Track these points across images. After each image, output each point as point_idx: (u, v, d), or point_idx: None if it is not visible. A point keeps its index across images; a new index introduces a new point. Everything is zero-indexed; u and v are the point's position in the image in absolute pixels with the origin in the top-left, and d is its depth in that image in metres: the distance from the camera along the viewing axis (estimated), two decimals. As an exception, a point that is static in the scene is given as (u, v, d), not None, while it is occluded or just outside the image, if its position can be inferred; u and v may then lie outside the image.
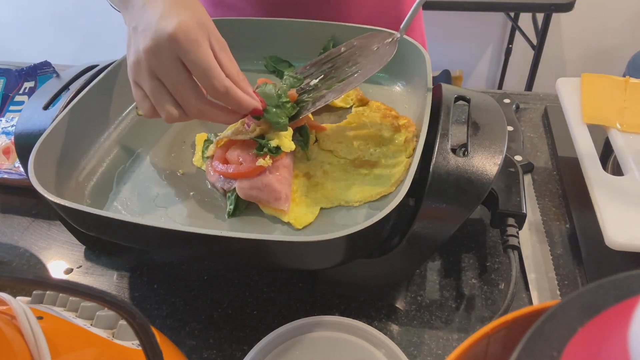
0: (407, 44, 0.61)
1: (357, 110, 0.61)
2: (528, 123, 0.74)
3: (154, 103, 0.45)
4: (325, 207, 0.50)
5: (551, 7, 1.60)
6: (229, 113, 0.47)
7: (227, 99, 0.45)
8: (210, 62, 0.43)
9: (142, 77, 0.44)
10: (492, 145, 0.47)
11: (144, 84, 0.45)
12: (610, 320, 0.19)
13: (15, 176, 0.66)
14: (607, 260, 0.53)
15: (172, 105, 0.45)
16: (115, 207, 0.51)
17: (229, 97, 0.45)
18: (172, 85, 0.44)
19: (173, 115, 0.45)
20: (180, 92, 0.44)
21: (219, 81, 0.44)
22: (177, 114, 0.45)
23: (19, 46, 2.44)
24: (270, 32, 0.67)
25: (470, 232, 0.58)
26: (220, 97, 0.45)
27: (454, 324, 0.50)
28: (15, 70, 0.76)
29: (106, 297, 0.24)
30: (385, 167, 0.52)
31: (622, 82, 0.67)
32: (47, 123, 0.51)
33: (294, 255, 0.43)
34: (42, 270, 0.58)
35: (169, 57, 0.43)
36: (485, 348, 0.28)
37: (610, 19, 1.97)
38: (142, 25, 0.44)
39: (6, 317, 0.29)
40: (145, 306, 0.53)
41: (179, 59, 0.43)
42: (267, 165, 0.48)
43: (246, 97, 0.46)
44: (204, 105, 0.45)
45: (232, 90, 0.45)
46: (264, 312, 0.51)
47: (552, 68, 2.06)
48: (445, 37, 2.08)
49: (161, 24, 0.42)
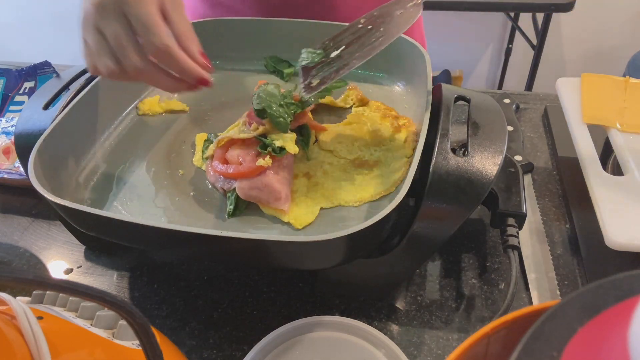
0: (407, 44, 0.61)
1: (357, 110, 0.61)
2: (528, 123, 0.74)
3: (95, 57, 0.44)
4: (325, 207, 0.50)
5: (551, 7, 1.60)
6: (173, 79, 0.45)
7: (168, 59, 0.44)
8: (152, 18, 0.42)
9: (88, 32, 0.44)
10: (492, 145, 0.47)
11: (89, 38, 0.44)
12: (610, 320, 0.19)
13: (15, 176, 0.66)
14: (607, 260, 0.53)
15: (110, 59, 0.44)
16: (115, 207, 0.51)
17: (169, 58, 0.43)
18: (112, 38, 0.43)
19: (110, 69, 0.44)
20: (119, 46, 0.43)
21: (159, 38, 0.42)
22: (115, 68, 0.44)
23: (19, 46, 2.44)
24: (270, 32, 0.67)
25: (470, 232, 0.58)
26: (160, 57, 0.44)
27: (454, 324, 0.50)
28: (15, 70, 0.76)
29: (106, 297, 0.24)
30: (385, 167, 0.52)
31: (622, 82, 0.67)
32: (47, 123, 0.51)
33: (294, 255, 0.43)
34: (42, 270, 0.58)
35: (113, 10, 0.42)
36: (485, 348, 0.28)
37: (610, 19, 1.97)
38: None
39: (6, 317, 0.29)
40: (145, 306, 0.53)
41: (123, 14, 0.42)
42: (267, 165, 0.48)
43: (188, 60, 0.44)
44: (143, 63, 0.43)
45: (173, 50, 0.43)
46: (264, 312, 0.51)
47: (552, 68, 2.06)
48: (445, 37, 2.08)
49: None
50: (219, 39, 0.68)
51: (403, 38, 0.61)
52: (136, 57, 0.43)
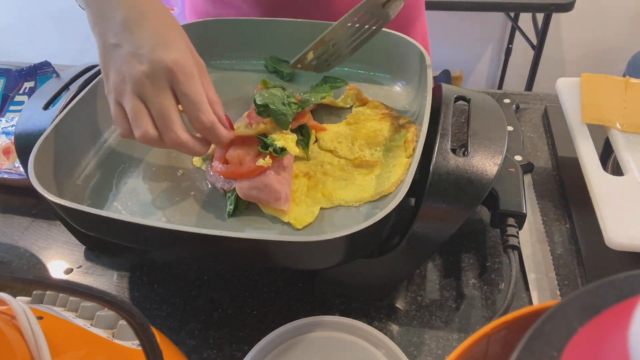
0: (407, 44, 0.61)
1: (357, 110, 0.61)
2: (528, 123, 0.74)
3: (133, 122, 0.45)
4: (325, 207, 0.50)
5: (551, 7, 1.60)
6: (202, 144, 0.48)
7: (211, 133, 0.47)
8: (201, 97, 0.45)
9: (126, 97, 0.45)
10: (492, 145, 0.47)
11: (126, 103, 0.45)
12: (610, 320, 0.19)
13: (15, 176, 0.66)
14: (607, 260, 0.53)
15: (152, 129, 0.45)
16: (115, 207, 0.51)
17: (212, 132, 0.47)
18: (158, 110, 0.44)
19: (150, 136, 0.45)
20: (164, 118, 0.45)
21: (207, 116, 0.46)
22: (155, 135, 0.45)
23: (19, 46, 2.44)
24: (270, 32, 0.67)
25: (470, 232, 0.58)
26: (204, 131, 0.47)
27: (454, 324, 0.50)
28: (15, 70, 0.76)
29: (106, 297, 0.24)
30: (385, 167, 0.52)
31: (622, 82, 0.67)
32: (47, 123, 0.51)
33: (294, 255, 0.43)
34: (42, 270, 0.58)
35: (162, 85, 0.44)
36: (485, 348, 0.28)
37: (610, 19, 1.97)
38: (131, 47, 0.44)
39: (6, 317, 0.29)
40: (145, 306, 0.53)
41: (171, 88, 0.45)
42: (267, 165, 0.48)
43: (226, 133, 0.48)
44: (183, 136, 0.46)
45: (217, 125, 0.47)
46: (264, 312, 0.51)
47: (552, 68, 2.06)
48: (445, 37, 2.08)
49: (159, 53, 0.44)
50: (219, 39, 0.68)
51: (403, 38, 0.61)
52: (182, 132, 0.46)
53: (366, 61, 0.65)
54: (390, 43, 0.62)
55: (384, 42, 0.61)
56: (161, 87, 0.44)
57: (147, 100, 0.45)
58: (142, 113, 0.45)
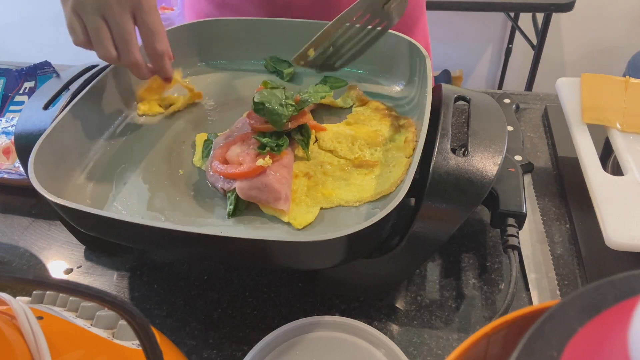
0: (408, 44, 0.61)
1: (357, 110, 0.61)
2: (528, 123, 0.74)
3: (94, 39, 0.49)
4: (325, 207, 0.50)
5: (551, 7, 1.60)
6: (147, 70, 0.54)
7: (161, 61, 0.53)
8: (161, 27, 0.52)
9: (86, 10, 0.48)
10: (492, 145, 0.47)
11: (87, 17, 0.49)
12: (610, 320, 0.19)
13: (15, 176, 0.66)
14: (607, 260, 0.53)
15: (113, 47, 0.50)
16: (115, 207, 0.51)
17: (162, 60, 0.54)
18: (120, 32, 0.49)
19: (111, 55, 0.50)
20: (125, 41, 0.50)
21: (162, 45, 0.52)
22: (115, 55, 0.50)
23: (19, 46, 2.44)
24: (270, 32, 0.67)
25: (470, 232, 0.58)
26: (156, 58, 0.53)
27: (454, 324, 0.50)
28: (15, 70, 0.76)
29: (106, 297, 0.24)
30: (385, 167, 0.52)
31: (622, 82, 0.67)
32: (47, 123, 0.51)
33: (294, 256, 0.43)
34: (42, 270, 0.58)
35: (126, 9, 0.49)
36: (485, 348, 0.28)
37: (610, 19, 1.97)
38: None
39: (6, 317, 0.29)
40: (145, 306, 0.53)
41: (132, 13, 0.49)
42: (267, 165, 0.48)
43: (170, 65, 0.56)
44: (140, 58, 0.51)
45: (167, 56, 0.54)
46: (264, 312, 0.51)
47: (552, 68, 2.06)
48: (445, 37, 2.08)
49: None
50: (219, 39, 0.68)
51: (404, 38, 0.61)
52: (139, 55, 0.51)
53: (366, 61, 0.65)
54: (391, 43, 0.62)
55: (385, 42, 0.61)
56: (125, 11, 0.49)
57: (109, 20, 0.49)
58: (105, 32, 0.49)
